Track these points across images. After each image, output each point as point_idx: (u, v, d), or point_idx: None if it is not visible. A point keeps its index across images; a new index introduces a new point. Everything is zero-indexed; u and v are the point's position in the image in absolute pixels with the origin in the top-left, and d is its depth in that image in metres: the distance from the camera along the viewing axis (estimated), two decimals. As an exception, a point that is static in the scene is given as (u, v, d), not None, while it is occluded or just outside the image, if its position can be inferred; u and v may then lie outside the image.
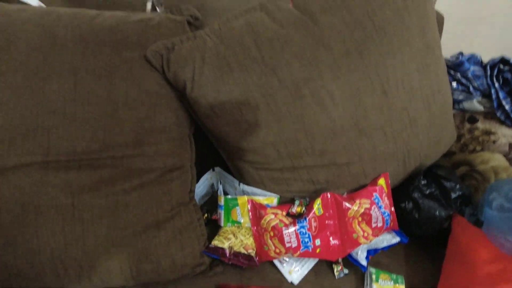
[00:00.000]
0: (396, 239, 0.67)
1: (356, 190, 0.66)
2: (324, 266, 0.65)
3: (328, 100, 0.56)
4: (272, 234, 0.61)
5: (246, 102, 0.56)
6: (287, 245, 0.59)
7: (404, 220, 0.69)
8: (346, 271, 0.63)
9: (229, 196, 0.65)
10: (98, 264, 0.51)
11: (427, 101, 0.62)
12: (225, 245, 0.60)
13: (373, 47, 0.56)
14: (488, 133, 0.73)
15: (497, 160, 0.68)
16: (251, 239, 0.62)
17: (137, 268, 0.52)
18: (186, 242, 0.58)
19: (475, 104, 0.80)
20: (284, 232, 0.59)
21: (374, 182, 0.66)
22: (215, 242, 0.61)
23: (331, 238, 0.61)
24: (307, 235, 0.60)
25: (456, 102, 0.82)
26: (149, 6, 0.70)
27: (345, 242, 0.62)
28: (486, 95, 0.79)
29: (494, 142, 0.71)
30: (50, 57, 0.50)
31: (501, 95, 0.75)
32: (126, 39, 0.54)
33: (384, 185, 0.66)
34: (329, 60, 0.54)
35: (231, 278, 0.60)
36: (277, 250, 0.60)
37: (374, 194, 0.63)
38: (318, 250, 0.60)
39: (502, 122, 0.76)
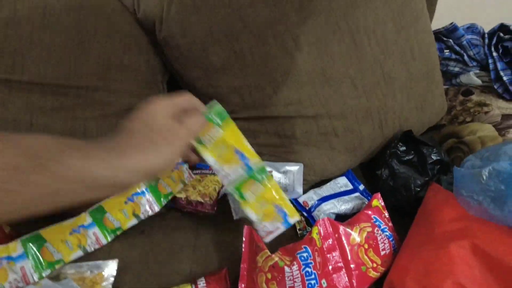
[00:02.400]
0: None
1: (326, 152, 0.63)
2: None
3: (292, 44, 0.54)
4: (269, 276, 0.48)
5: (211, 43, 0.56)
6: None
7: (380, 189, 0.65)
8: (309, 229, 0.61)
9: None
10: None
11: (404, 57, 0.59)
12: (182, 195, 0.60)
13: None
14: (481, 104, 0.68)
15: (486, 130, 0.63)
16: (210, 189, 0.61)
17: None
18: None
19: (472, 77, 0.74)
20: (286, 273, 0.48)
21: (368, 205, 0.59)
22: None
23: (335, 276, 0.50)
24: (313, 276, 0.49)
25: (452, 74, 0.77)
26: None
27: (354, 278, 0.50)
28: (485, 67, 0.73)
29: (486, 113, 0.65)
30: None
31: (499, 66, 0.70)
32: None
33: (379, 206, 0.59)
34: (294, 2, 0.53)
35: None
36: None
37: (372, 216, 0.56)
38: None
39: (499, 96, 0.71)
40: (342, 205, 0.63)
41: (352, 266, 0.51)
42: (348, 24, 0.54)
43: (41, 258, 0.46)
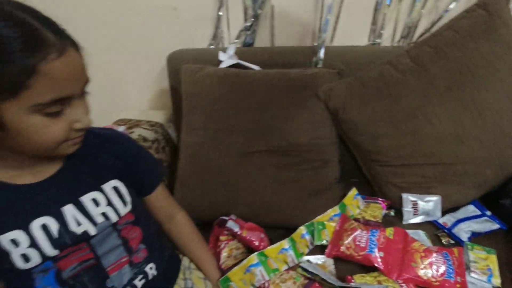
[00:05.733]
0: (496, 226, 0.87)
1: (459, 188, 0.90)
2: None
3: (435, 119, 0.85)
4: (349, 233, 0.81)
5: (376, 120, 0.90)
6: (357, 243, 0.79)
7: (503, 213, 0.88)
8: (452, 241, 0.86)
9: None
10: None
11: (518, 121, 0.85)
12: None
13: (468, 84, 0.83)
14: None
15: None
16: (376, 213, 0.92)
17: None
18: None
19: None
20: (358, 232, 0.81)
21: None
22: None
23: (391, 258, 0.76)
24: (374, 243, 0.78)
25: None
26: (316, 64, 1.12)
27: (402, 265, 0.75)
28: None
29: None
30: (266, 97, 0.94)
31: None
32: (306, 84, 0.95)
33: (456, 253, 0.77)
34: (435, 94, 0.85)
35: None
36: (348, 245, 0.80)
37: (443, 251, 0.76)
38: (379, 260, 0.76)
39: None
40: (475, 225, 0.87)
41: (405, 258, 0.76)
42: (474, 103, 0.83)
43: None
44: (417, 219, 0.93)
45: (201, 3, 1.12)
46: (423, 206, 0.92)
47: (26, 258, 0.50)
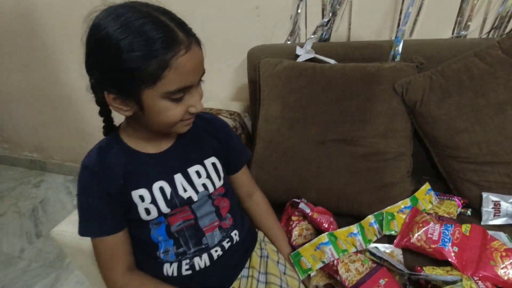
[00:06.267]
0: None
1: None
2: None
3: (526, 113, 0.80)
4: (421, 225, 0.80)
5: (457, 114, 0.87)
6: (429, 235, 0.78)
7: None
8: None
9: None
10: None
11: None
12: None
13: None
14: None
15: None
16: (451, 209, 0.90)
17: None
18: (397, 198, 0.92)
19: None
20: (430, 225, 0.79)
21: None
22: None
23: (466, 254, 0.73)
24: (448, 237, 0.76)
25: None
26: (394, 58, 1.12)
27: (480, 263, 0.72)
28: None
29: None
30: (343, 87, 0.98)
31: None
32: (382, 77, 0.96)
33: None
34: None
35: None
36: (419, 237, 0.79)
37: None
38: (453, 254, 0.75)
39: None
40: None
41: (483, 256, 0.72)
42: None
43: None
44: (499, 221, 0.88)
45: (282, 1, 1.20)
46: (506, 207, 0.87)
47: (147, 211, 0.63)
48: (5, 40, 1.90)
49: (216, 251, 0.69)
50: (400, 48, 1.02)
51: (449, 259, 0.75)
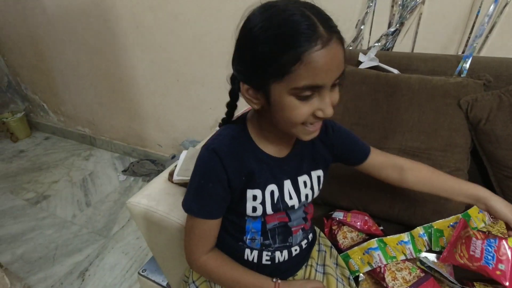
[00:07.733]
0: None
1: None
2: None
3: None
4: (463, 241, 0.76)
5: (526, 136, 0.87)
6: (471, 253, 0.73)
7: None
8: None
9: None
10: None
11: None
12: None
13: None
14: None
15: None
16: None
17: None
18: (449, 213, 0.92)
19: None
20: (472, 241, 0.74)
21: None
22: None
23: None
24: (492, 254, 0.70)
25: None
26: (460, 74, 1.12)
27: None
28: None
29: None
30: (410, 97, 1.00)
31: None
32: (448, 92, 0.97)
33: None
34: None
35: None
36: (461, 254, 0.75)
37: None
38: (498, 272, 0.69)
39: None
40: None
41: None
42: None
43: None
44: (555, 247, 0.87)
45: (349, 10, 1.22)
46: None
47: (254, 209, 0.64)
48: (79, 21, 2.05)
49: (296, 250, 0.73)
50: (468, 64, 1.01)
51: (496, 279, 0.70)
